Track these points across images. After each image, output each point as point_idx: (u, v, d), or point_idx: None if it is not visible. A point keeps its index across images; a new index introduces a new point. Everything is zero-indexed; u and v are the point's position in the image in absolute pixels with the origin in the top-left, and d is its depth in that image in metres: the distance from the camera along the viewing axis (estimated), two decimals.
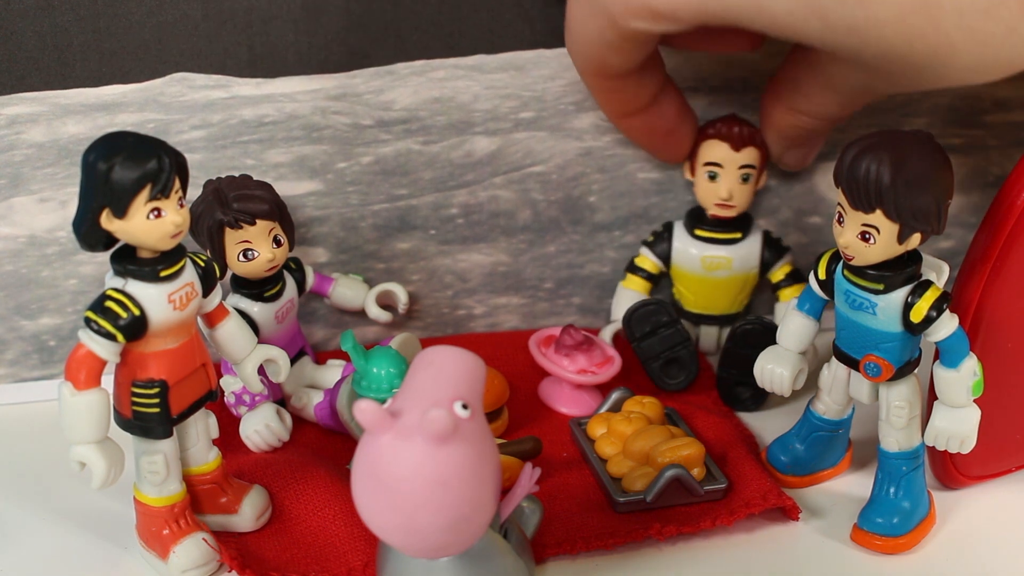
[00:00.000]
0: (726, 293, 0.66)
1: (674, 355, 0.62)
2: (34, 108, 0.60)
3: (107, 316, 0.44)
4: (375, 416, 0.30)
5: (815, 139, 0.64)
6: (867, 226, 0.46)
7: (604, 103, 0.60)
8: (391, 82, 0.63)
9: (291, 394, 0.61)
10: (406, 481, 0.30)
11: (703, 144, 0.63)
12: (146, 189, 0.43)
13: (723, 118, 0.63)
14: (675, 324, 0.62)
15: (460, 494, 0.30)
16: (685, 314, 0.67)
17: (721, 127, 0.63)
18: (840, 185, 0.46)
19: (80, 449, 0.45)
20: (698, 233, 0.65)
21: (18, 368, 0.65)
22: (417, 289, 0.68)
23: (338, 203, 0.65)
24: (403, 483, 0.31)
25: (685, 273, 0.66)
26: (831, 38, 0.46)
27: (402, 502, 0.31)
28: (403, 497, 0.31)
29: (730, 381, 0.62)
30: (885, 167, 0.44)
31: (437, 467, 0.30)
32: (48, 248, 0.62)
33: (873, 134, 0.46)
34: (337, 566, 0.49)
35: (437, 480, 0.30)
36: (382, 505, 0.31)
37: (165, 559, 0.49)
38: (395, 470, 0.30)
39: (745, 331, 0.61)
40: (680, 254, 0.66)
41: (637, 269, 0.67)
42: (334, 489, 0.53)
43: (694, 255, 0.65)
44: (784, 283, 0.66)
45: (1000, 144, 0.70)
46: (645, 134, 0.62)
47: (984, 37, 0.43)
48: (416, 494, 0.31)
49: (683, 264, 0.66)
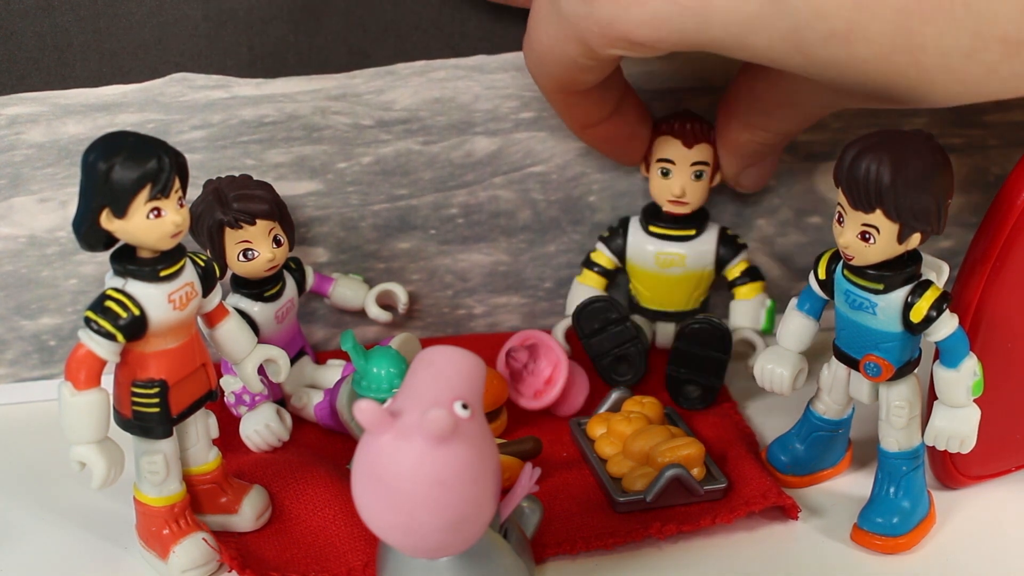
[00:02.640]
0: (681, 290, 0.66)
1: (623, 352, 0.62)
2: (34, 108, 0.60)
3: (107, 316, 0.44)
4: (375, 416, 0.30)
5: (772, 156, 0.62)
6: (867, 226, 0.46)
7: (568, 117, 0.59)
8: (391, 82, 0.63)
9: (291, 394, 0.61)
10: (406, 480, 0.30)
11: (656, 140, 0.63)
12: (146, 189, 0.43)
13: (676, 114, 0.63)
14: (624, 321, 0.62)
15: (460, 494, 0.30)
16: (641, 311, 0.67)
17: (674, 123, 0.62)
18: (840, 185, 0.46)
19: (80, 449, 0.45)
20: (652, 229, 0.65)
21: (18, 368, 0.65)
22: (417, 289, 0.68)
23: (338, 203, 0.65)
24: (403, 482, 0.31)
25: (640, 269, 0.66)
26: (812, 71, 0.45)
27: (402, 501, 0.31)
28: (403, 496, 0.31)
29: (679, 379, 0.62)
30: (885, 167, 0.44)
31: (436, 467, 0.30)
32: (48, 248, 0.62)
33: (873, 134, 0.46)
34: (337, 566, 0.49)
35: (437, 479, 0.30)
36: (382, 505, 0.31)
37: (165, 559, 0.49)
38: (395, 469, 0.30)
39: (694, 330, 0.61)
40: (635, 250, 0.65)
41: (592, 264, 0.67)
42: (334, 489, 0.53)
43: (648, 251, 0.65)
44: (740, 280, 0.66)
45: (1000, 144, 0.70)
46: (607, 141, 0.61)
47: (965, 76, 0.43)
48: (416, 493, 0.31)
49: (637, 260, 0.66)
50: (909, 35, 0.41)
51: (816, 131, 0.67)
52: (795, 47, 0.44)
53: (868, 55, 0.43)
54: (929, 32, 0.41)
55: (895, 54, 0.43)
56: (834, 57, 0.44)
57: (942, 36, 0.41)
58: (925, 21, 0.41)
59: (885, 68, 0.43)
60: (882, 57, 0.43)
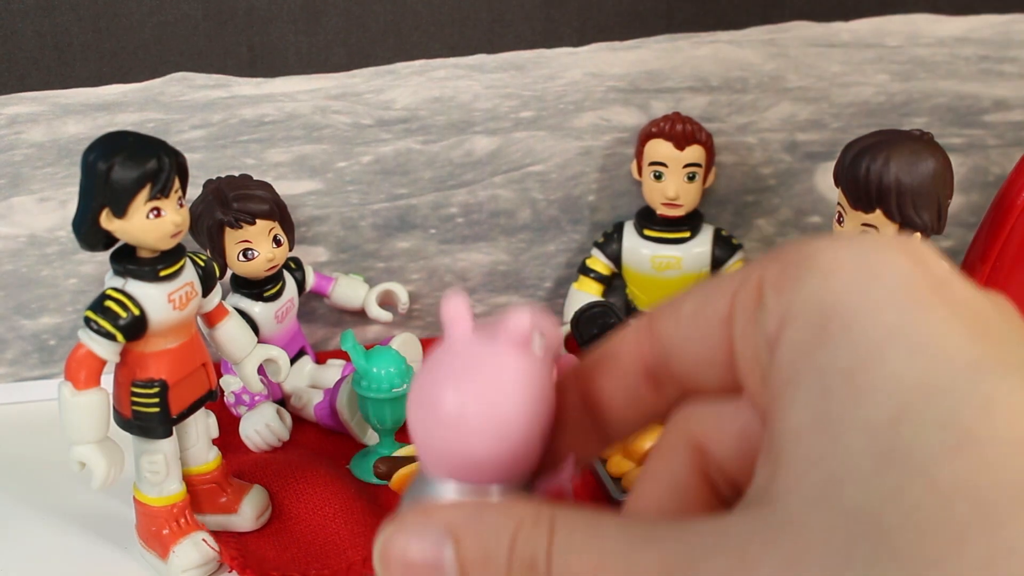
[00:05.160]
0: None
1: None
2: (34, 108, 0.60)
3: (107, 316, 0.44)
4: (459, 307, 0.29)
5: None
6: (867, 226, 0.46)
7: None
8: (391, 82, 0.63)
9: (291, 394, 0.61)
10: (479, 375, 0.29)
11: (648, 143, 0.63)
12: (146, 189, 0.43)
13: (667, 116, 0.62)
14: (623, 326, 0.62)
15: (517, 410, 0.29)
16: (639, 315, 0.66)
17: (664, 125, 0.62)
18: (840, 185, 0.46)
19: (80, 449, 0.45)
20: (647, 233, 0.65)
21: (18, 367, 0.65)
22: (417, 288, 0.68)
23: (338, 202, 0.65)
24: (472, 379, 0.30)
25: (636, 274, 0.66)
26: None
27: (464, 397, 0.30)
28: (468, 391, 0.30)
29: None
30: (885, 167, 0.44)
31: (509, 371, 0.29)
32: (48, 248, 0.62)
33: (873, 134, 0.46)
34: (337, 562, 0.49)
35: (504, 384, 0.29)
36: (437, 401, 0.30)
37: (165, 559, 0.49)
38: (461, 364, 0.29)
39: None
40: (630, 254, 0.65)
41: (588, 270, 0.67)
42: (333, 488, 0.53)
43: (644, 255, 0.65)
44: None
45: (1000, 144, 0.70)
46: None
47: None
48: (481, 392, 0.30)
49: (633, 265, 0.66)
50: None
51: (816, 131, 0.67)
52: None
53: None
54: None
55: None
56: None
57: None
58: None
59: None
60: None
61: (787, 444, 0.20)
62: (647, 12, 0.64)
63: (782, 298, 0.22)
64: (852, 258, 0.21)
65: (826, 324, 0.21)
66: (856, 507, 0.18)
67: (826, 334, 0.20)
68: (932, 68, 0.67)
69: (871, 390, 0.19)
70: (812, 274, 0.21)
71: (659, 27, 0.64)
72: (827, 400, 0.20)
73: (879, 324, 0.20)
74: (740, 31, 0.65)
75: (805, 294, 0.21)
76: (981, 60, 0.67)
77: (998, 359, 0.19)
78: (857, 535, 0.18)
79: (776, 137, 0.67)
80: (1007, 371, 0.19)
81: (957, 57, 0.67)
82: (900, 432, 0.19)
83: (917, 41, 0.66)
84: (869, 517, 0.18)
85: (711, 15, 0.64)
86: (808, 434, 0.20)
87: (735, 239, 0.66)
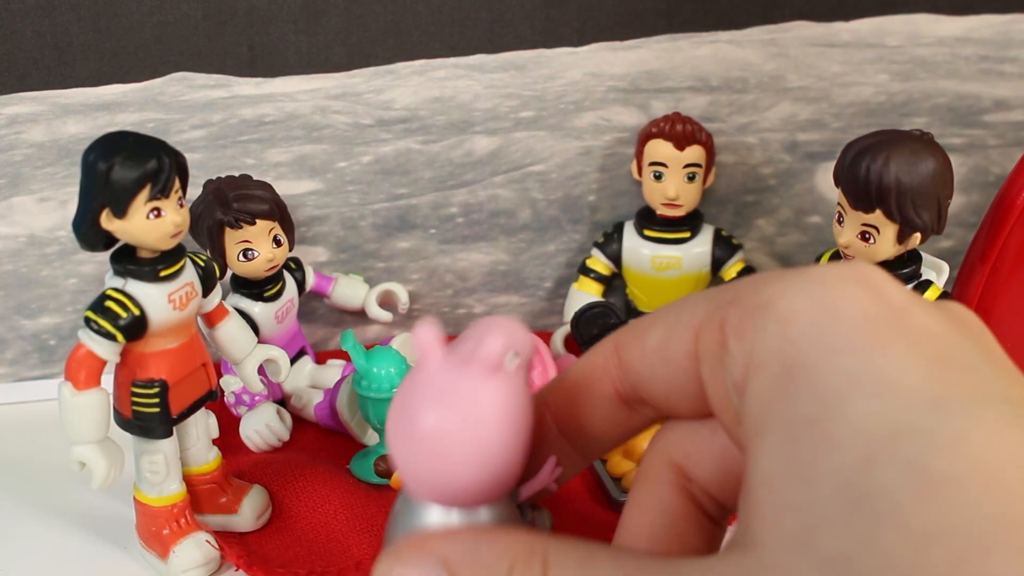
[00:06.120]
0: (678, 293, 0.65)
1: None
2: (34, 108, 0.60)
3: (107, 316, 0.44)
4: (431, 336, 0.29)
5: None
6: (867, 226, 0.46)
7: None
8: (391, 82, 0.63)
9: (291, 394, 0.61)
10: (449, 404, 0.30)
11: (648, 143, 0.63)
12: (146, 189, 0.43)
13: (667, 116, 0.62)
14: (623, 326, 0.61)
15: (494, 431, 0.30)
16: (639, 315, 0.66)
17: (664, 125, 0.62)
18: (840, 185, 0.46)
19: (80, 449, 0.45)
20: (647, 233, 0.65)
21: (18, 367, 0.65)
22: (417, 288, 0.68)
23: (338, 202, 0.65)
24: (445, 406, 0.30)
25: (636, 274, 0.66)
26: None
27: (438, 424, 0.30)
28: (440, 418, 0.30)
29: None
30: (885, 167, 0.44)
31: (485, 396, 0.29)
32: (48, 248, 0.62)
33: (873, 134, 0.46)
34: (343, 560, 0.49)
35: (477, 409, 0.30)
36: (415, 430, 0.30)
37: (165, 559, 0.49)
38: (435, 393, 0.29)
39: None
40: (630, 254, 0.65)
41: (588, 270, 0.67)
42: (334, 487, 0.53)
43: (644, 255, 0.65)
44: None
45: (1000, 144, 0.70)
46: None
47: None
48: (455, 419, 0.30)
49: (633, 265, 0.65)
50: None
51: (816, 131, 0.67)
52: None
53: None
54: None
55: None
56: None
57: None
58: None
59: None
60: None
61: (761, 490, 0.20)
62: (647, 12, 0.64)
63: (744, 346, 0.22)
64: (808, 301, 0.21)
65: (788, 374, 0.21)
66: (832, 555, 0.18)
67: (790, 384, 0.21)
68: (932, 68, 0.67)
69: (838, 437, 0.19)
70: (770, 323, 0.22)
71: (659, 27, 0.64)
72: (796, 448, 0.20)
73: (839, 370, 0.20)
74: (740, 31, 0.65)
75: (767, 344, 0.21)
76: (981, 60, 0.67)
77: (960, 391, 0.19)
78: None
79: (776, 137, 0.67)
80: (971, 403, 0.19)
81: (957, 57, 0.67)
82: (869, 477, 0.19)
83: (917, 41, 0.66)
84: (845, 564, 0.18)
85: (711, 15, 0.64)
86: (781, 482, 0.20)
87: (735, 239, 0.66)
